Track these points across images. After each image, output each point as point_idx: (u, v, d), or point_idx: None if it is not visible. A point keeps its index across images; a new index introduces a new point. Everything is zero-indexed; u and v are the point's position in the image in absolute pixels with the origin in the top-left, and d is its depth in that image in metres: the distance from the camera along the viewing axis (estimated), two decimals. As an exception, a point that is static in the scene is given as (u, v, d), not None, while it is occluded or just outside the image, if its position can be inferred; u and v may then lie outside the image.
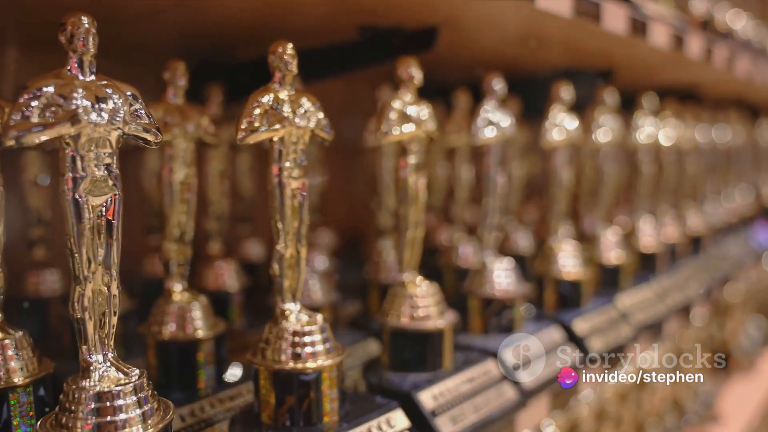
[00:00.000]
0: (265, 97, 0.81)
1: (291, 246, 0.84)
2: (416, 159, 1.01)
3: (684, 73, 2.03)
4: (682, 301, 1.71)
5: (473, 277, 1.22)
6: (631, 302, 1.50)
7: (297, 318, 0.85)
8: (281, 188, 0.82)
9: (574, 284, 1.36)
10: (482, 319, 1.19)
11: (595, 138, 1.52)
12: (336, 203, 1.82)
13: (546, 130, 1.34)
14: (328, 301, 1.15)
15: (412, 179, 1.01)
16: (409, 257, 1.04)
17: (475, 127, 1.17)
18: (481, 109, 1.18)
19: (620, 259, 1.56)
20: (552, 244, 1.39)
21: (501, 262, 1.21)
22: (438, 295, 1.03)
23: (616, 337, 1.35)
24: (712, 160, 2.47)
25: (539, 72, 1.68)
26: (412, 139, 0.99)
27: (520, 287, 1.21)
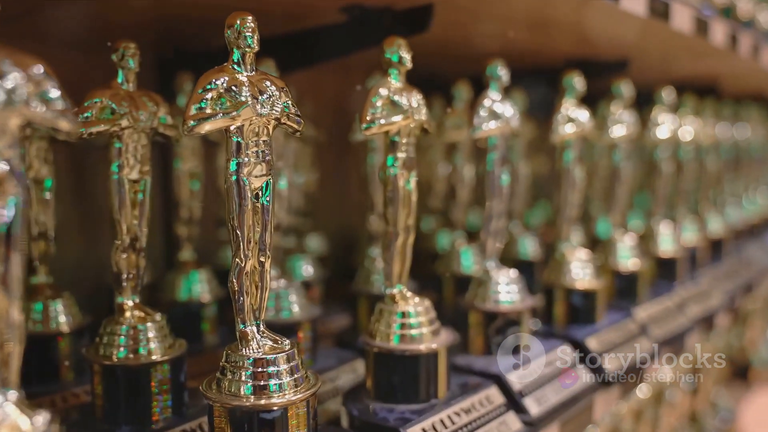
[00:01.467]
0: (220, 78, 0.67)
1: (252, 257, 0.71)
2: (406, 154, 0.87)
3: (704, 65, 1.89)
4: (705, 311, 1.56)
5: (474, 289, 1.08)
6: (650, 314, 1.36)
7: (259, 343, 0.71)
8: (239, 188, 0.69)
9: (588, 295, 1.22)
10: (484, 337, 1.05)
11: (610, 133, 1.38)
12: (328, 205, 1.69)
13: (556, 123, 1.20)
14: (308, 316, 1.01)
15: (400, 178, 0.87)
16: (399, 268, 0.91)
17: (477, 118, 1.03)
18: (484, 99, 1.04)
19: (637, 266, 1.41)
20: (563, 251, 1.25)
21: (505, 273, 1.07)
22: (431, 312, 0.90)
23: (634, 354, 1.21)
24: (733, 158, 2.32)
25: (548, 62, 1.54)
26: (401, 131, 0.86)
27: (526, 300, 1.07)
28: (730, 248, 2.07)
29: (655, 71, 1.85)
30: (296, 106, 0.73)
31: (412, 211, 0.89)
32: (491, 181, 1.06)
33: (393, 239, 0.89)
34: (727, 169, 2.29)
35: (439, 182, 1.60)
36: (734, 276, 1.91)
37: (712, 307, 1.60)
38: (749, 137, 2.42)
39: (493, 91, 1.06)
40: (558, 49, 1.48)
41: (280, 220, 1.03)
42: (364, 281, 1.22)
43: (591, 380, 1.09)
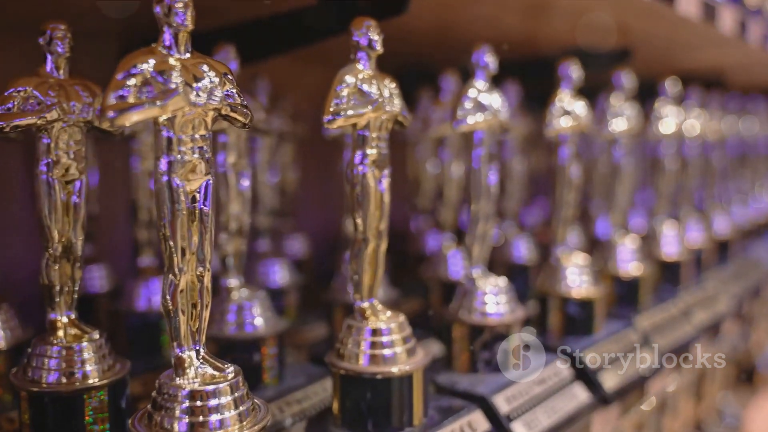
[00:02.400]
0: (145, 63, 0.57)
1: (188, 271, 0.61)
2: (377, 150, 0.77)
3: (710, 55, 1.78)
4: (711, 318, 1.46)
5: (459, 299, 0.97)
6: (653, 323, 1.26)
7: (197, 371, 0.61)
8: (171, 191, 0.59)
9: (586, 304, 1.12)
10: (469, 353, 0.95)
11: (610, 127, 1.27)
12: (310, 205, 1.59)
13: (551, 116, 1.09)
14: (273, 330, 0.91)
15: (370, 177, 0.77)
16: (370, 279, 0.80)
17: (461, 110, 0.92)
18: (468, 89, 0.94)
19: (639, 270, 1.31)
20: (559, 255, 1.15)
21: (493, 282, 0.97)
22: (406, 329, 0.80)
23: (636, 368, 1.11)
24: (739, 154, 2.22)
25: (544, 52, 1.43)
26: (371, 124, 0.75)
27: (516, 312, 0.97)
28: (736, 249, 1.97)
29: (659, 62, 1.74)
30: (242, 95, 0.62)
31: (384, 215, 0.79)
32: (477, 179, 0.96)
33: (363, 246, 0.79)
34: (733, 165, 2.18)
35: (428, 180, 1.50)
36: (741, 278, 1.81)
37: (719, 314, 1.50)
38: (756, 132, 2.32)
39: (479, 81, 0.95)
40: (554, 37, 1.37)
41: (243, 223, 0.93)
42: (341, 288, 1.12)
43: (588, 399, 0.99)
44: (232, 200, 0.90)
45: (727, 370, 2.09)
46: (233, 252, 0.93)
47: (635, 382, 1.09)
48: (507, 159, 1.50)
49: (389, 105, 0.76)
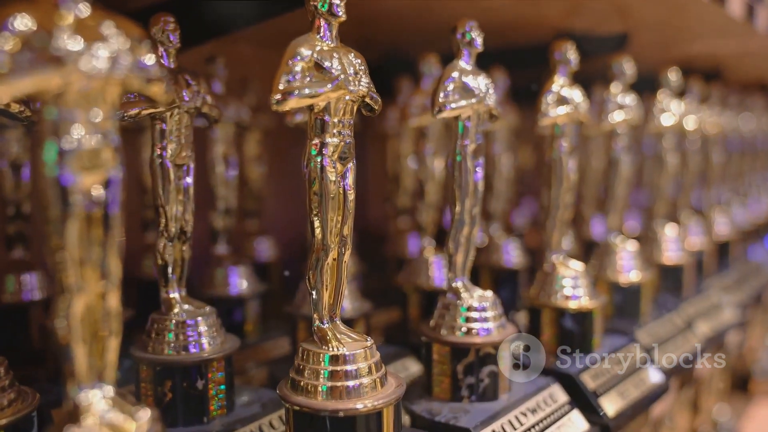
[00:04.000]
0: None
1: (86, 287, 0.47)
2: (337, 139, 0.64)
3: (710, 45, 1.66)
4: (716, 330, 1.34)
5: (440, 314, 0.84)
6: (657, 337, 1.13)
7: (102, 418, 0.48)
8: (63, 193, 0.45)
9: (584, 317, 0.99)
10: (451, 377, 0.82)
11: (609, 119, 1.15)
12: (277, 203, 1.45)
13: (546, 104, 0.96)
14: (220, 351, 0.77)
15: (330, 170, 0.63)
16: (332, 293, 0.67)
17: (444, 95, 0.79)
18: (451, 72, 0.81)
19: (640, 277, 1.18)
20: (553, 262, 1.02)
21: (479, 294, 0.84)
22: (374, 356, 0.66)
23: (640, 390, 0.98)
24: (738, 151, 2.10)
25: (534, 36, 1.30)
26: (329, 107, 0.62)
27: (506, 329, 0.84)
28: (736, 252, 1.85)
29: (657, 51, 1.62)
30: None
31: (347, 218, 0.66)
32: (462, 175, 0.83)
33: (322, 256, 0.65)
34: (732, 163, 2.07)
35: (409, 176, 1.36)
36: (743, 285, 1.69)
37: (724, 324, 1.38)
38: (754, 128, 2.20)
39: (461, 63, 0.82)
40: (546, 21, 1.24)
41: (185, 226, 0.79)
42: (306, 299, 0.98)
43: (587, 428, 0.86)
44: (171, 200, 0.77)
45: (722, 378, 1.99)
46: (173, 260, 0.79)
47: (640, 405, 0.96)
48: (493, 155, 1.37)
49: (353, 84, 0.62)
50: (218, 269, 1.10)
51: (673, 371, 1.09)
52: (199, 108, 0.78)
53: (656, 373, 1.03)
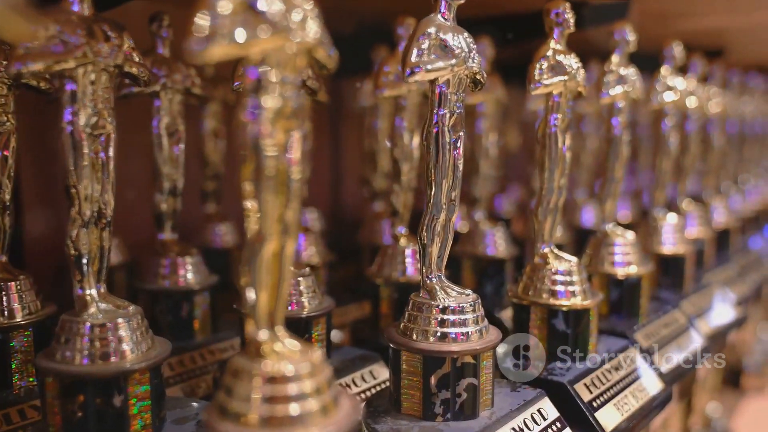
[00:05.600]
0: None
1: None
2: (280, 99, 0.50)
3: (717, 18, 1.54)
4: (717, 329, 1.22)
5: (410, 316, 0.71)
6: (657, 338, 1.01)
7: None
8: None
9: (578, 317, 0.86)
10: (423, 391, 0.69)
11: (609, 91, 1.02)
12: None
13: (539, 73, 0.83)
14: (144, 361, 0.64)
15: (268, 142, 0.50)
16: (271, 294, 0.54)
17: (417, 54, 0.66)
18: (427, 28, 0.67)
19: (638, 272, 1.06)
20: (544, 254, 0.89)
21: (456, 294, 0.71)
22: (321, 372, 0.53)
23: (641, 400, 0.86)
24: (738, 134, 1.98)
25: (527, 3, 1.17)
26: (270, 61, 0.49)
27: (489, 335, 0.71)
28: (736, 241, 1.74)
29: (659, 23, 1.49)
30: None
31: (291, 201, 0.52)
32: (438, 152, 0.69)
33: (257, 248, 0.52)
34: (732, 147, 1.95)
35: (385, 156, 1.23)
36: (744, 278, 1.57)
37: (726, 323, 1.26)
38: (755, 111, 2.09)
39: (439, 17, 0.68)
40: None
41: (104, 209, 0.66)
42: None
43: (581, 447, 0.74)
44: (83, 177, 0.63)
45: (716, 375, 1.89)
46: (90, 251, 0.65)
47: (641, 418, 0.84)
48: (478, 133, 1.24)
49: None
50: (162, 259, 0.96)
51: (674, 377, 0.97)
52: (121, 66, 0.65)
53: (657, 381, 0.91)
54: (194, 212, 1.23)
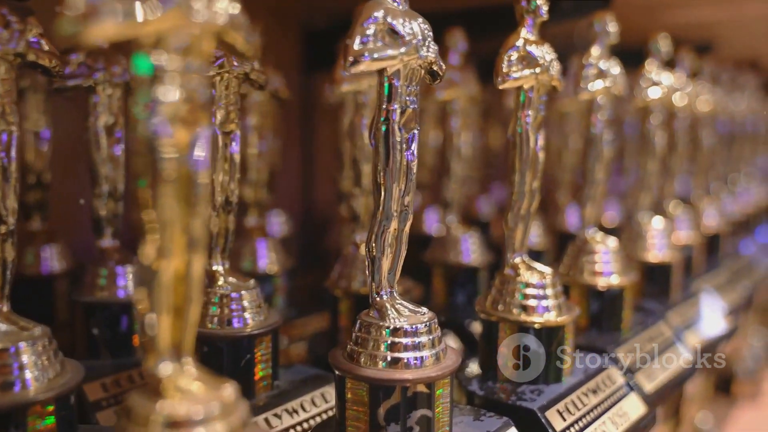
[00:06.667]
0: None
1: None
2: (180, 95, 0.42)
3: (704, 11, 1.46)
4: (707, 341, 1.14)
5: (358, 339, 0.63)
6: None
7: None
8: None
9: (551, 335, 0.78)
10: (369, 424, 0.60)
11: (588, 87, 0.94)
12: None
13: (508, 64, 0.75)
14: (47, 391, 0.55)
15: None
16: (173, 325, 0.45)
17: (361, 42, 0.57)
18: (373, 12, 0.59)
19: (621, 281, 0.98)
20: (516, 265, 0.81)
21: (412, 313, 0.63)
22: (239, 411, 0.45)
23: (623, 426, 0.78)
24: (728, 133, 1.91)
25: None
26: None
27: (448, 359, 0.63)
28: (727, 246, 1.66)
29: (644, 15, 1.41)
30: None
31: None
32: (388, 152, 0.61)
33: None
34: (722, 146, 1.88)
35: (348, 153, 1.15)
36: (735, 285, 1.50)
37: (717, 334, 1.18)
38: (745, 109, 2.01)
39: (389, 1, 0.60)
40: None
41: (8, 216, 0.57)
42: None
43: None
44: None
45: (705, 384, 1.82)
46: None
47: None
48: (450, 131, 1.16)
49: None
50: (101, 268, 0.88)
51: (659, 397, 0.89)
52: (22, 54, 0.59)
53: (640, 403, 0.83)
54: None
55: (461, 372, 0.82)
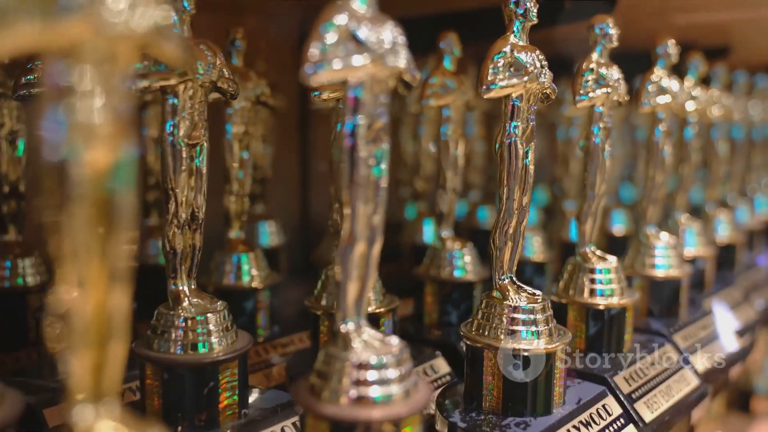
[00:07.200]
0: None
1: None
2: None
3: (719, 14, 1.40)
4: (718, 366, 1.08)
5: (320, 372, 0.58)
6: (641, 381, 0.87)
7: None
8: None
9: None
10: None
11: (586, 96, 0.88)
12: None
13: (491, 72, 0.70)
14: None
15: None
16: (92, 368, 0.41)
17: (320, 51, 0.52)
18: (331, 18, 0.54)
19: (622, 301, 0.92)
20: (504, 286, 0.75)
21: (377, 343, 0.58)
22: None
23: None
24: (745, 140, 1.83)
25: None
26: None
27: (416, 394, 0.58)
28: (742, 258, 1.59)
29: (652, 18, 1.35)
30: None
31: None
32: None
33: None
34: (738, 154, 1.80)
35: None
36: (751, 300, 1.42)
37: (729, 357, 1.11)
38: (763, 114, 1.93)
39: (351, 4, 0.55)
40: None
41: None
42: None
43: None
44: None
45: (721, 401, 1.75)
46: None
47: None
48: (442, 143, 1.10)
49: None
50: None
51: (661, 429, 0.83)
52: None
53: (639, 437, 0.78)
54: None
55: (446, 400, 0.77)
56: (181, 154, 0.69)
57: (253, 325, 0.98)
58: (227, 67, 0.73)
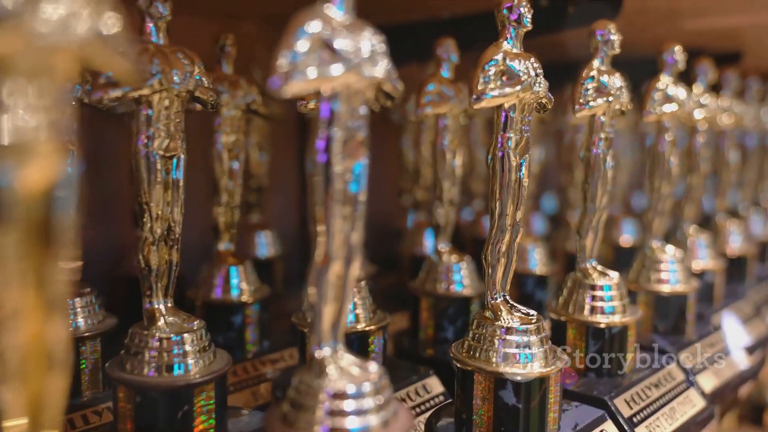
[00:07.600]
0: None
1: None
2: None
3: (729, 19, 1.35)
4: (727, 384, 1.03)
5: (293, 399, 0.54)
6: (644, 404, 0.83)
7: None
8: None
9: (531, 388, 0.69)
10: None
11: (587, 105, 0.84)
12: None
13: (482, 81, 0.66)
14: None
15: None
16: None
17: (291, 62, 0.49)
18: (304, 24, 0.50)
19: (624, 319, 0.88)
20: (497, 306, 0.72)
21: (353, 371, 0.54)
22: None
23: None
24: (758, 148, 1.78)
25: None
26: None
27: (395, 422, 0.54)
28: (754, 270, 1.54)
29: (659, 23, 1.31)
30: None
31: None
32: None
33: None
34: (751, 163, 1.75)
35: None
36: (763, 314, 1.38)
37: (738, 375, 1.07)
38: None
39: (329, 11, 0.52)
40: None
41: None
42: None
43: None
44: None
45: (732, 416, 1.70)
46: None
47: None
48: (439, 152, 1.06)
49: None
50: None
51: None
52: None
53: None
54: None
55: (438, 422, 0.73)
56: (156, 167, 0.66)
57: (242, 340, 0.95)
58: (207, 76, 0.70)
